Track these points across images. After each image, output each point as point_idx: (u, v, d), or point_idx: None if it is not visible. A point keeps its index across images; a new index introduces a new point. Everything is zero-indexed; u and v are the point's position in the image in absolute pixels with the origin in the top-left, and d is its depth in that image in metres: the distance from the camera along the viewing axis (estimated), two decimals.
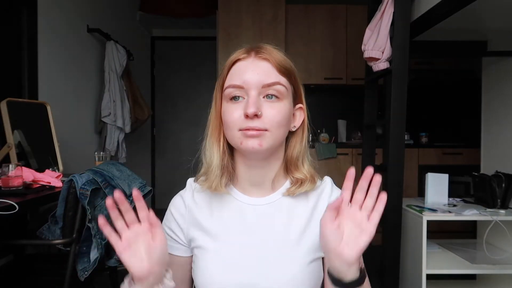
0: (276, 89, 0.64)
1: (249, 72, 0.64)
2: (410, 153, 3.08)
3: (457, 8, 1.55)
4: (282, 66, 0.66)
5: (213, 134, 0.69)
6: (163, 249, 0.58)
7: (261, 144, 0.62)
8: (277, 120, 0.63)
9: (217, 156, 0.68)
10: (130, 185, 1.42)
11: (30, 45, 2.03)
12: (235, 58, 0.67)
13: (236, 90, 0.64)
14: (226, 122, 0.65)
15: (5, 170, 1.29)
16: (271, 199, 0.70)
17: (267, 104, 0.64)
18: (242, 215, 0.69)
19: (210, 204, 0.71)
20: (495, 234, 1.92)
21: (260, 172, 0.69)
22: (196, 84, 4.56)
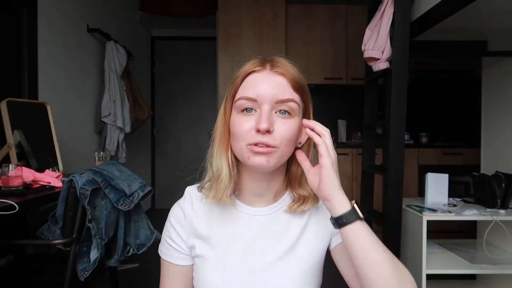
0: (289, 105, 0.63)
1: (264, 86, 0.63)
2: (410, 153, 3.08)
3: (457, 8, 1.55)
4: (296, 83, 0.65)
5: (221, 143, 0.67)
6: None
7: (269, 161, 0.62)
8: (287, 138, 0.62)
9: (226, 169, 0.66)
10: (130, 185, 1.42)
11: (30, 45, 2.03)
12: (250, 69, 0.65)
13: (248, 102, 0.63)
14: (235, 134, 0.64)
15: (5, 170, 1.29)
16: (271, 210, 0.70)
17: (279, 119, 0.63)
18: (242, 225, 0.69)
19: (210, 213, 0.71)
20: (495, 234, 1.92)
21: (264, 184, 0.69)
22: (196, 84, 4.56)
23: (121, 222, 1.45)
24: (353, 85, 3.40)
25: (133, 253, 1.50)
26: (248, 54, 3.14)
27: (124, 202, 1.38)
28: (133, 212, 1.49)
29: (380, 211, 2.01)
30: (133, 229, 1.51)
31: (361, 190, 2.25)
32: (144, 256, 1.54)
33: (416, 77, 3.42)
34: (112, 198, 1.35)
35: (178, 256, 0.72)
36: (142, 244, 1.50)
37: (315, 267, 0.70)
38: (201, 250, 0.69)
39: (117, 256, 1.45)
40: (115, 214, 1.41)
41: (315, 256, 0.70)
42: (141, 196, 1.44)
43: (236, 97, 0.65)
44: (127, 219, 1.49)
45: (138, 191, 1.43)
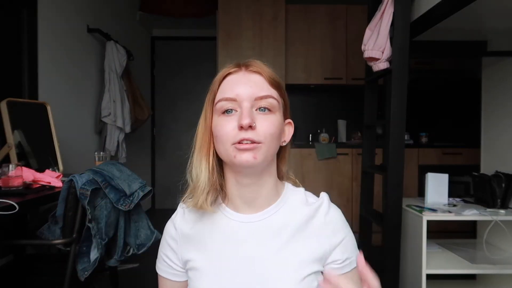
0: (268, 102, 0.64)
1: (241, 85, 0.64)
2: (410, 153, 3.08)
3: (457, 8, 1.55)
4: (273, 79, 0.66)
5: (202, 150, 0.68)
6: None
7: (255, 157, 0.61)
8: (270, 132, 0.63)
9: (205, 173, 0.66)
10: (130, 185, 1.42)
11: (30, 45, 2.03)
12: (225, 72, 0.67)
13: (228, 103, 0.63)
14: (219, 136, 0.64)
15: (5, 170, 1.29)
16: (262, 216, 0.68)
17: (260, 116, 0.63)
18: (234, 233, 0.68)
19: (202, 223, 0.70)
20: (495, 234, 1.92)
21: (252, 189, 0.67)
22: (196, 84, 4.56)
23: (121, 222, 1.45)
24: (353, 85, 3.40)
25: (133, 253, 1.50)
26: (248, 54, 3.15)
27: (124, 202, 1.38)
28: (133, 212, 1.49)
29: (380, 211, 2.01)
30: (133, 229, 1.51)
31: (361, 190, 2.25)
32: (144, 256, 1.54)
33: (416, 77, 3.42)
34: (112, 198, 1.35)
35: (172, 272, 0.72)
36: (142, 244, 1.50)
37: (315, 274, 0.67)
38: (194, 262, 0.68)
39: (117, 256, 1.45)
40: (115, 214, 1.41)
41: (314, 261, 0.67)
42: (141, 196, 1.44)
43: (215, 100, 0.66)
44: (127, 219, 1.49)
45: (138, 191, 1.43)
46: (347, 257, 0.68)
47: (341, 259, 0.68)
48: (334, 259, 0.67)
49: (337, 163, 3.17)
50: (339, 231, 0.69)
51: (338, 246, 0.68)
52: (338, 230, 0.69)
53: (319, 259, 0.67)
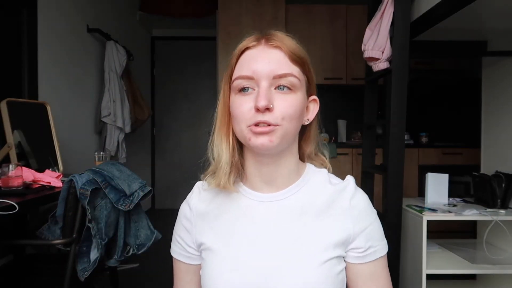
0: (288, 80, 0.59)
1: (259, 62, 0.59)
2: (410, 153, 3.08)
3: (457, 8, 1.55)
4: (295, 55, 0.61)
5: (222, 129, 0.65)
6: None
7: (271, 140, 0.58)
8: (289, 114, 0.58)
9: (226, 153, 0.64)
10: (130, 185, 1.42)
11: (30, 45, 2.03)
12: (244, 46, 0.63)
13: (245, 81, 0.59)
14: (234, 116, 0.61)
15: (5, 170, 1.29)
16: (283, 195, 0.65)
17: (279, 96, 0.59)
18: (251, 213, 0.65)
19: (218, 202, 0.68)
20: (495, 234, 1.92)
21: (272, 169, 0.64)
22: (196, 84, 4.56)
23: (121, 222, 1.45)
24: (353, 85, 3.40)
25: (133, 253, 1.50)
26: None
27: (124, 202, 1.38)
28: (133, 212, 1.49)
29: (380, 211, 2.01)
30: (133, 229, 1.51)
31: None
32: (144, 256, 1.54)
33: (416, 77, 3.42)
34: (112, 198, 1.35)
35: (187, 255, 0.69)
36: (142, 244, 1.50)
37: (337, 259, 0.63)
38: (209, 242, 0.65)
39: (117, 256, 1.45)
40: (115, 214, 1.40)
41: (336, 245, 0.63)
42: (141, 196, 1.44)
43: (232, 78, 0.62)
44: (127, 219, 1.49)
45: (138, 191, 1.43)
46: (370, 246, 0.64)
47: (364, 247, 0.63)
48: (356, 246, 0.63)
49: (337, 163, 3.17)
50: (365, 218, 0.65)
51: (362, 233, 0.64)
52: (364, 216, 0.65)
53: (342, 244, 0.63)
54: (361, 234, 0.63)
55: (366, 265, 0.64)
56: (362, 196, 0.67)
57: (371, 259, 0.64)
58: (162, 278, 2.35)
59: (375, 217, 0.66)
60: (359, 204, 0.65)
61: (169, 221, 1.05)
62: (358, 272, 0.64)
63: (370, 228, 0.64)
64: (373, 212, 0.67)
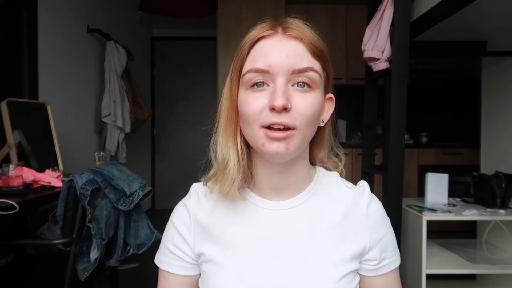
0: (309, 76, 0.52)
1: (276, 54, 0.51)
2: (410, 153, 3.08)
3: (457, 8, 1.55)
4: (316, 48, 0.53)
5: (228, 128, 0.56)
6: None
7: (288, 148, 0.51)
8: (309, 115, 0.51)
9: (234, 158, 0.55)
10: (130, 185, 1.42)
11: (30, 45, 2.03)
12: (258, 35, 0.54)
13: (259, 76, 0.52)
14: (245, 115, 0.53)
15: (5, 170, 1.29)
16: (294, 203, 0.58)
17: (297, 94, 0.51)
18: (259, 222, 0.58)
19: (221, 210, 0.60)
20: (495, 234, 1.92)
21: (283, 175, 0.57)
22: (196, 84, 4.56)
23: (121, 222, 1.45)
24: (353, 85, 3.40)
25: (133, 253, 1.50)
26: None
27: (124, 202, 1.38)
28: (133, 212, 1.49)
29: None
30: (133, 229, 1.51)
31: None
32: (144, 256, 1.54)
33: (416, 77, 3.42)
34: (112, 198, 1.35)
35: (181, 264, 0.60)
36: (142, 244, 1.50)
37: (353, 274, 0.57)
38: (211, 254, 0.57)
39: (117, 256, 1.45)
40: (115, 214, 1.41)
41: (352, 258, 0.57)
42: (141, 196, 1.44)
43: (243, 70, 0.54)
44: (127, 219, 1.49)
45: (138, 191, 1.43)
46: (385, 257, 0.59)
47: (378, 259, 0.58)
48: (371, 258, 0.58)
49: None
50: (381, 227, 0.59)
51: (377, 244, 0.58)
52: (380, 225, 0.59)
53: (358, 256, 0.57)
54: (377, 245, 0.59)
55: (379, 278, 0.59)
56: (377, 203, 0.62)
57: (385, 272, 0.59)
58: None
59: (390, 226, 0.62)
60: (375, 212, 0.60)
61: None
62: (371, 285, 0.60)
63: (386, 238, 0.60)
64: (387, 220, 0.62)
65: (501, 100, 2.05)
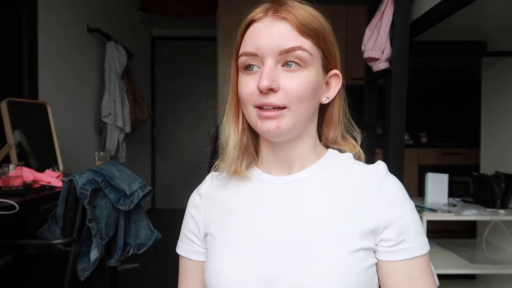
0: (296, 55, 0.52)
1: (263, 36, 0.53)
2: (410, 153, 3.07)
3: (457, 8, 1.55)
4: (305, 26, 0.54)
5: (231, 110, 0.60)
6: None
7: (278, 126, 0.52)
8: (297, 94, 0.52)
9: (234, 136, 0.59)
10: (130, 185, 1.42)
11: (30, 45, 2.03)
12: (249, 19, 0.57)
13: (250, 58, 0.54)
14: (241, 97, 0.56)
15: (5, 170, 1.29)
16: (300, 177, 0.59)
17: (285, 74, 0.53)
18: (266, 197, 0.59)
19: (230, 188, 0.62)
20: (495, 234, 1.92)
21: (287, 153, 0.59)
22: (196, 84, 4.56)
23: (121, 222, 1.45)
24: (353, 85, 3.38)
25: (133, 253, 1.50)
26: None
27: (124, 202, 1.38)
28: (133, 212, 1.49)
29: None
30: (133, 229, 1.51)
31: None
32: (144, 256, 1.54)
33: (416, 77, 3.42)
34: (112, 198, 1.35)
35: (194, 249, 0.63)
36: (142, 244, 1.51)
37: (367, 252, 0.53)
38: (216, 229, 0.59)
39: (117, 256, 1.45)
40: (115, 214, 1.41)
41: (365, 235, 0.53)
42: (141, 196, 1.44)
43: (239, 54, 0.56)
44: (127, 219, 1.49)
45: (138, 191, 1.43)
46: (404, 240, 0.53)
47: (394, 240, 0.53)
48: (386, 238, 0.54)
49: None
50: (397, 207, 0.55)
51: (393, 224, 0.54)
52: (396, 205, 0.55)
53: (369, 233, 0.54)
54: (393, 225, 0.54)
55: (400, 264, 0.53)
56: (395, 181, 0.58)
57: (406, 257, 0.53)
58: (162, 278, 2.35)
59: (412, 209, 0.56)
60: (390, 191, 0.56)
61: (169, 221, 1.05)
62: (390, 271, 0.54)
63: (405, 220, 0.54)
64: (409, 202, 0.57)
65: (501, 100, 2.05)
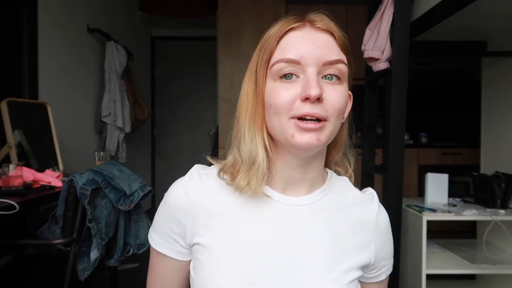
0: (338, 68, 0.52)
1: (307, 45, 0.51)
2: (410, 153, 3.08)
3: (457, 8, 1.55)
4: (344, 42, 0.55)
5: (254, 121, 0.54)
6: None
7: (319, 139, 0.50)
8: (339, 107, 0.51)
9: (263, 153, 0.53)
10: (130, 185, 1.42)
11: (30, 45, 2.03)
12: (287, 26, 0.54)
13: (289, 66, 0.51)
14: (273, 106, 0.51)
15: (5, 170, 1.29)
16: (308, 200, 0.57)
17: (327, 86, 0.51)
18: (268, 213, 0.55)
19: (226, 196, 0.56)
20: (495, 234, 1.92)
21: (300, 171, 0.56)
22: (196, 84, 4.56)
23: (121, 222, 1.45)
24: (353, 85, 3.35)
25: (133, 253, 1.50)
26: (248, 54, 3.14)
27: (124, 202, 1.38)
28: (133, 212, 1.49)
29: None
30: (133, 229, 1.51)
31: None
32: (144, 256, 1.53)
33: (416, 77, 3.42)
34: (112, 198, 1.35)
35: (175, 249, 0.57)
36: (142, 244, 1.50)
37: (357, 282, 0.57)
38: (208, 239, 0.54)
39: (117, 256, 1.45)
40: (115, 214, 1.41)
41: (359, 266, 0.57)
42: (141, 196, 1.44)
43: (271, 61, 0.52)
44: (127, 219, 1.49)
45: (138, 191, 1.43)
46: (384, 265, 0.60)
47: (379, 267, 0.60)
48: (373, 267, 0.59)
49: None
50: (387, 237, 0.61)
51: (381, 252, 0.59)
52: (386, 235, 0.61)
53: (363, 266, 0.58)
54: (381, 251, 0.59)
55: (376, 285, 0.61)
56: (385, 212, 0.62)
57: (383, 278, 0.61)
58: None
59: (391, 235, 0.62)
60: (384, 221, 0.61)
61: None
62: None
63: (387, 247, 0.61)
64: (390, 230, 0.63)
65: (501, 100, 2.05)
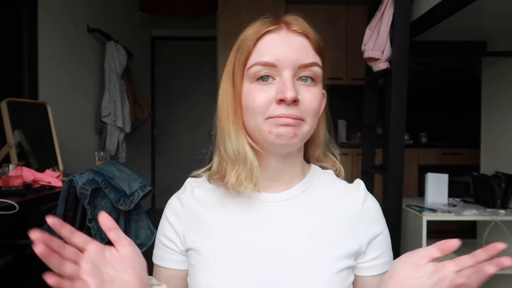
0: (313, 70, 0.54)
1: (283, 48, 0.53)
2: (410, 153, 3.07)
3: (457, 8, 1.55)
4: (318, 44, 0.57)
5: (236, 121, 0.55)
6: (137, 254, 0.50)
7: (296, 134, 0.51)
8: (314, 108, 0.53)
9: (250, 150, 0.54)
10: (130, 185, 1.42)
11: (30, 45, 2.03)
12: (263, 29, 0.54)
13: (265, 69, 0.52)
14: (250, 108, 0.53)
15: (5, 170, 1.29)
16: (289, 195, 0.58)
17: (302, 88, 0.53)
18: (252, 213, 0.57)
19: (213, 200, 0.59)
20: (495, 234, 1.91)
21: (279, 167, 0.58)
22: (196, 84, 4.56)
23: (121, 222, 1.45)
24: (353, 85, 3.40)
25: None
26: None
27: (124, 202, 1.38)
28: (133, 212, 1.49)
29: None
30: (133, 229, 1.51)
31: None
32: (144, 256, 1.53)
33: (416, 77, 3.42)
34: (112, 198, 1.35)
35: (171, 257, 0.59)
36: (142, 244, 1.50)
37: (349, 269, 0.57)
38: (200, 244, 0.57)
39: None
40: (115, 214, 1.40)
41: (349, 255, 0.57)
42: (141, 196, 1.44)
43: (248, 64, 0.54)
44: (127, 219, 1.49)
45: (138, 191, 1.43)
46: (380, 255, 0.58)
47: (374, 256, 0.58)
48: (366, 255, 0.58)
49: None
50: (377, 224, 0.59)
51: (373, 240, 0.58)
52: (376, 222, 0.59)
53: (354, 253, 0.57)
54: (373, 242, 0.58)
55: (375, 278, 0.58)
56: (374, 200, 0.62)
57: (380, 272, 0.58)
58: None
59: (386, 226, 0.61)
60: (372, 209, 0.60)
61: None
62: (366, 285, 0.58)
63: (382, 236, 0.60)
64: (384, 219, 0.62)
65: (501, 100, 2.05)
